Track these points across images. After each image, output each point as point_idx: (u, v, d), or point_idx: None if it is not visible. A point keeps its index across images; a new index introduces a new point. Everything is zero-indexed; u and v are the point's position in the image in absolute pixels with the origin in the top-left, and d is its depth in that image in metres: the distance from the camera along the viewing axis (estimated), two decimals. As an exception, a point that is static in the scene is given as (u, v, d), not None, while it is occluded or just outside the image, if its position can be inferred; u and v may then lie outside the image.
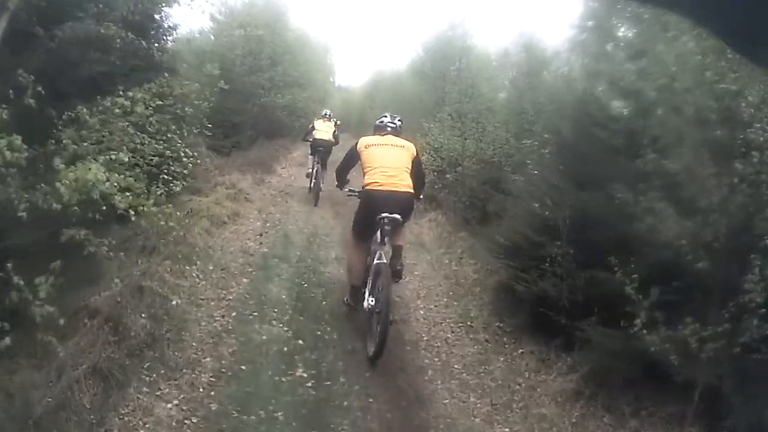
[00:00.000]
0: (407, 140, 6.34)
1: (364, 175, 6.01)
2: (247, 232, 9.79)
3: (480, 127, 12.06)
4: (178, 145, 7.59)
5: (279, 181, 15.31)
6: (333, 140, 13.87)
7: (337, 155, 17.81)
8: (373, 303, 5.57)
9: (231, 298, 6.96)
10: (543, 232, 6.53)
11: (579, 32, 7.96)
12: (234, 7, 21.26)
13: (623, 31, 7.02)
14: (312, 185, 13.23)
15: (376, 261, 5.71)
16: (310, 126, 14.61)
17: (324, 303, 7.17)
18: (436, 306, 7.70)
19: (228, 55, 20.35)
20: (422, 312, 7.45)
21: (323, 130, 13.95)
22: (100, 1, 6.52)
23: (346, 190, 6.56)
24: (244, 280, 7.62)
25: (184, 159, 11.05)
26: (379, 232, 5.76)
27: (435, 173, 12.69)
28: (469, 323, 7.16)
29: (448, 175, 12.19)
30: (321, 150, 13.33)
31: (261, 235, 9.70)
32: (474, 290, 8.17)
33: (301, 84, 24.39)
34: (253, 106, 20.83)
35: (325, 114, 15.17)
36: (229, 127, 19.33)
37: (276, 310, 6.76)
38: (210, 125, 18.37)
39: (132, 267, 6.40)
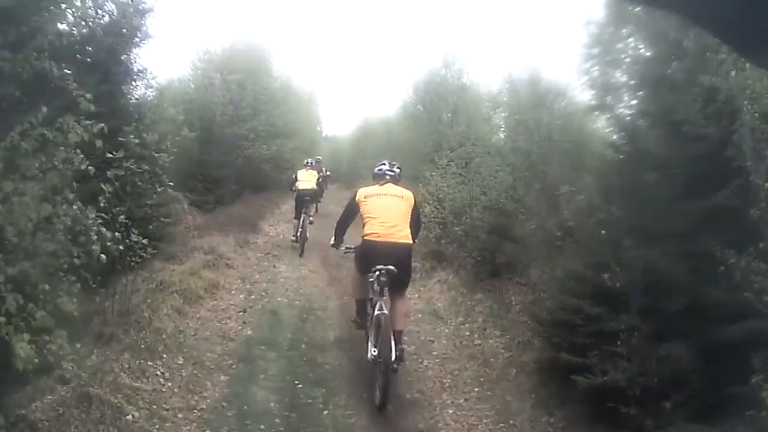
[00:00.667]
0: (406, 188, 6.28)
1: (363, 226, 5.99)
2: (227, 308, 8.25)
3: (485, 171, 10.82)
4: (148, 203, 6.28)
5: (265, 241, 13.76)
6: (316, 188, 14.19)
7: (326, 205, 16.80)
8: (375, 353, 5.48)
9: (204, 407, 5.29)
10: (599, 299, 5.35)
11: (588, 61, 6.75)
12: (214, 53, 19.96)
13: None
14: (298, 234, 12.79)
15: (376, 312, 5.68)
16: (294, 176, 14.55)
17: (326, 413, 5.46)
18: (466, 400, 6.04)
19: (208, 105, 19.13)
20: (451, 411, 5.77)
21: (305, 180, 13.85)
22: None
23: (343, 248, 6.65)
24: (222, 378, 5.97)
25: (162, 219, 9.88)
26: (376, 284, 5.72)
27: (440, 226, 11.25)
28: (511, 421, 5.60)
29: (456, 228, 10.62)
30: (307, 200, 13.26)
31: (244, 311, 8.18)
32: (508, 373, 6.65)
33: (287, 134, 23.02)
34: (236, 159, 19.52)
35: (307, 163, 15.21)
36: (212, 182, 18.07)
37: (262, 426, 5.08)
38: (192, 179, 17.55)
39: (85, 359, 5.25)
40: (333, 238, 6.74)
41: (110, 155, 6.28)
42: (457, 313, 8.87)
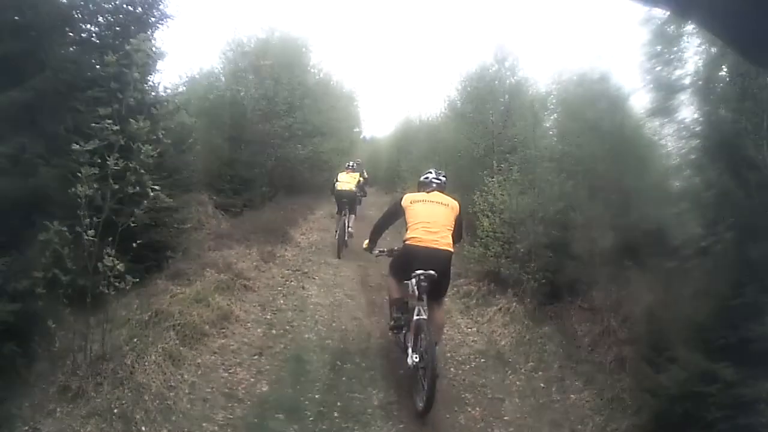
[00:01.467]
0: (452, 198, 6.15)
1: (406, 230, 5.89)
2: (238, 349, 6.33)
3: (543, 178, 9.14)
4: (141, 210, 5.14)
5: (295, 254, 11.68)
6: (356, 190, 13.42)
7: (363, 210, 15.56)
8: (417, 359, 5.34)
9: None
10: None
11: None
12: (247, 43, 18.25)
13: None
14: (337, 236, 12.22)
15: (415, 317, 5.53)
16: (334, 179, 13.75)
17: None
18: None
19: (239, 99, 17.45)
20: None
21: (345, 181, 13.24)
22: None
23: (376, 252, 6.49)
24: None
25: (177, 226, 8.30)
26: (416, 288, 5.58)
27: (501, 244, 9.25)
28: None
29: (519, 246, 8.68)
30: (344, 201, 12.75)
31: (260, 354, 6.27)
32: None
33: (324, 133, 21.26)
34: (268, 159, 17.83)
35: (349, 165, 14.42)
36: (241, 183, 16.38)
37: None
38: (219, 180, 15.82)
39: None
40: (367, 241, 6.55)
41: (77, 146, 4.57)
42: (526, 356, 6.93)
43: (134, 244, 5.05)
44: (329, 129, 21.99)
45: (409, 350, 5.56)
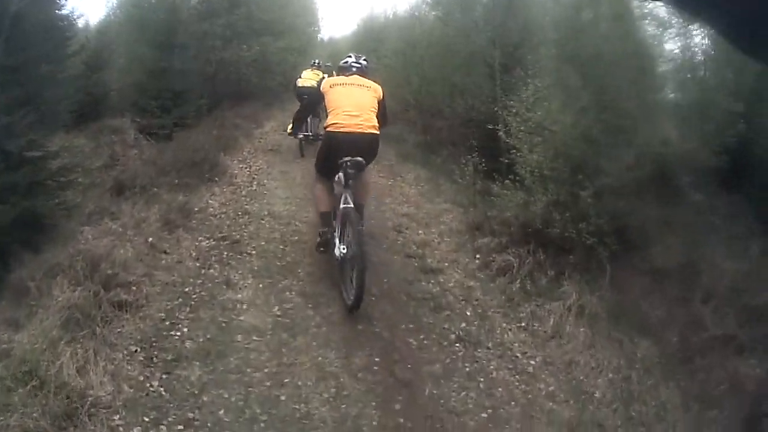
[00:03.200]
0: (373, 81, 5.62)
1: (326, 117, 5.39)
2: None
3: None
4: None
5: (225, 201, 7.55)
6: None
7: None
8: (345, 250, 4.91)
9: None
10: None
11: None
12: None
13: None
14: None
15: (342, 205, 5.08)
16: (297, 77, 12.23)
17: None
18: None
19: None
20: None
21: (308, 77, 11.78)
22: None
23: (300, 135, 6.28)
24: None
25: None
26: (342, 175, 5.15)
27: (558, 188, 5.90)
28: None
29: (583, 191, 5.47)
30: (306, 98, 9.46)
31: None
32: None
33: (275, 32, 17.21)
34: (207, 66, 13.99)
35: (314, 63, 13.10)
36: (173, 98, 12.67)
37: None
38: (145, 96, 12.40)
39: None
40: (290, 126, 6.26)
41: None
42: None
43: None
44: (281, 27, 17.91)
45: (336, 241, 5.10)
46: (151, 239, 5.63)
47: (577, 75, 5.90)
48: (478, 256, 6.19)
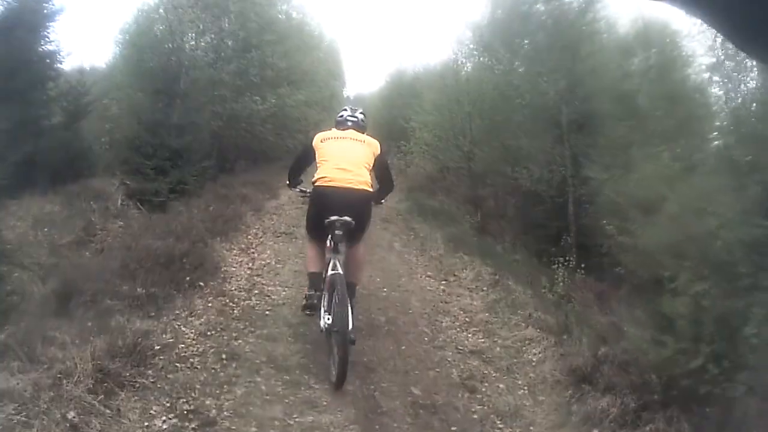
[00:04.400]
0: (371, 137, 5.12)
1: (315, 173, 4.86)
2: None
3: None
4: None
5: (211, 321, 4.90)
6: None
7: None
8: (330, 321, 4.30)
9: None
10: None
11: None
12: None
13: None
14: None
15: (330, 272, 4.52)
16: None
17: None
18: None
19: (169, 36, 11.60)
20: None
21: None
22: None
23: (297, 190, 5.40)
24: None
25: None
26: (330, 239, 4.54)
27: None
28: None
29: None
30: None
31: None
32: None
33: (294, 81, 15.08)
34: (213, 119, 11.93)
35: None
36: (169, 157, 10.57)
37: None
38: (138, 154, 10.51)
39: None
40: (288, 180, 5.37)
41: None
42: None
43: None
44: (300, 76, 15.79)
45: (322, 311, 4.47)
46: (72, 415, 3.29)
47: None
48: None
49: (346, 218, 4.51)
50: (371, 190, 4.82)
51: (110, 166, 11.18)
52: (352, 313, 4.32)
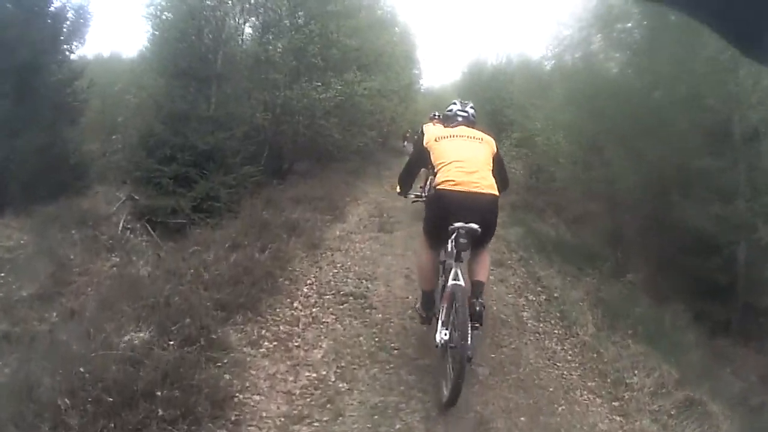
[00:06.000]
0: (485, 133, 4.45)
1: (435, 174, 4.19)
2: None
3: None
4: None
5: None
6: None
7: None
8: (446, 336, 3.72)
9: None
10: None
11: None
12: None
13: None
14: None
15: (450, 282, 3.84)
16: (406, 135, 10.02)
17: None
18: None
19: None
20: None
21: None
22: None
23: (411, 196, 4.87)
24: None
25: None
26: (452, 245, 3.87)
27: None
28: None
29: None
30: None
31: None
32: None
33: (365, 65, 11.87)
34: (258, 110, 8.79)
35: (434, 116, 8.01)
36: (192, 162, 7.52)
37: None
38: (151, 159, 8.32)
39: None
40: (398, 186, 4.66)
41: None
42: None
43: None
44: (374, 58, 12.58)
45: (439, 324, 3.88)
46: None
47: None
48: None
49: (473, 225, 3.80)
50: (498, 193, 4.05)
51: (117, 173, 8.30)
52: (480, 319, 3.79)
